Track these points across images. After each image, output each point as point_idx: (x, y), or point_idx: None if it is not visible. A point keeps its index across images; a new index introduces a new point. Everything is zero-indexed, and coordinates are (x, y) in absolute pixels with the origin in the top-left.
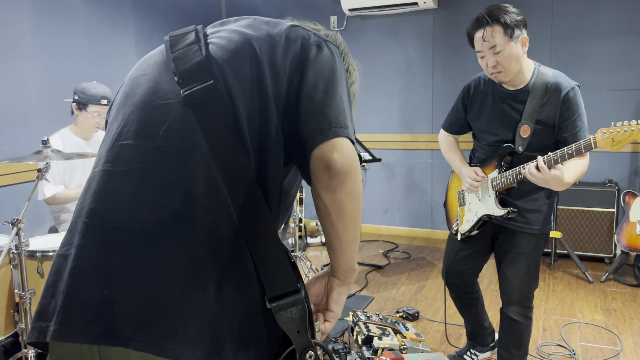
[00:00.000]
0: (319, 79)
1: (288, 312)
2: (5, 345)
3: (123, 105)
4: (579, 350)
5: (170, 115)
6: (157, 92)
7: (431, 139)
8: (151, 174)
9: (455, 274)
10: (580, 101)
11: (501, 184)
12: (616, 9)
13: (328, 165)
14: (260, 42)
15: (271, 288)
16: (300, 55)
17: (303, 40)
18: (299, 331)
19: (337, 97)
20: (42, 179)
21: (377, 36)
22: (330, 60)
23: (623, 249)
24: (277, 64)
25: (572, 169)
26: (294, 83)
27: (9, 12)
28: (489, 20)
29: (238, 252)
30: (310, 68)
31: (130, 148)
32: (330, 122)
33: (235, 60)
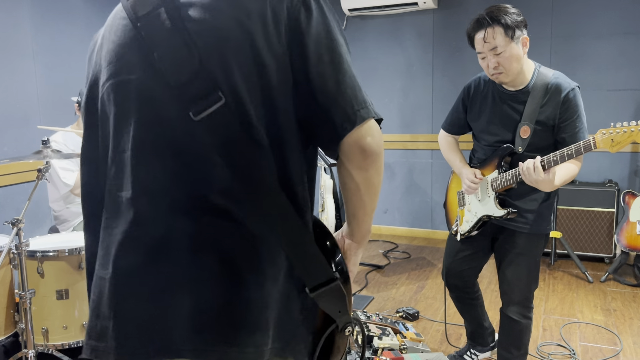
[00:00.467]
0: (322, 50)
1: (329, 297)
2: (5, 345)
3: (123, 120)
4: (579, 350)
5: (179, 131)
6: (155, 108)
7: (431, 139)
8: (177, 190)
9: (455, 274)
10: (580, 102)
11: (501, 184)
12: (616, 9)
13: (363, 150)
14: (250, 21)
15: (309, 280)
16: (290, 24)
17: (287, 2)
18: (340, 311)
19: (345, 65)
20: (42, 179)
21: (377, 36)
22: (323, 18)
23: (623, 249)
24: (273, 44)
25: (562, 171)
26: (296, 62)
27: (9, 12)
28: (489, 22)
29: (271, 251)
30: (308, 40)
31: (149, 169)
32: (352, 105)
33: (230, 51)
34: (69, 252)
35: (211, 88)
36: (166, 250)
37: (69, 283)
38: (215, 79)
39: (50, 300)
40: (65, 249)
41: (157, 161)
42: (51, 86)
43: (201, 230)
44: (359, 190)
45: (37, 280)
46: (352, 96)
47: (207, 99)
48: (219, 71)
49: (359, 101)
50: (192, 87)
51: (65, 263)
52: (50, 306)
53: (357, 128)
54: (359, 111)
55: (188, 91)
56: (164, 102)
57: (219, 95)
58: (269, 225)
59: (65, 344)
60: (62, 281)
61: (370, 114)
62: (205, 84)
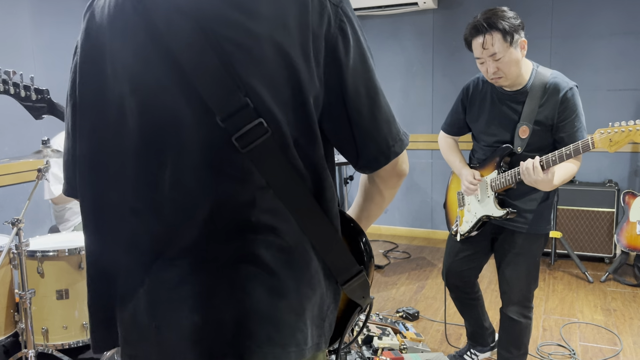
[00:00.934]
0: (359, 83)
1: (356, 287)
2: (5, 345)
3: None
4: (579, 350)
5: (225, 161)
6: (197, 137)
7: (431, 139)
8: (220, 214)
9: (456, 275)
10: (579, 101)
11: (500, 184)
12: (616, 9)
13: (398, 175)
14: (292, 52)
15: (340, 276)
16: (328, 53)
17: (325, 28)
18: (364, 296)
19: (380, 97)
20: (42, 179)
21: (377, 36)
22: (358, 45)
23: (623, 249)
24: (314, 76)
25: (561, 171)
26: (333, 95)
27: (9, 12)
28: (487, 28)
29: (306, 258)
30: (346, 73)
31: (187, 194)
32: (387, 141)
33: (271, 82)
34: (69, 252)
35: (257, 120)
36: (207, 263)
37: (69, 283)
38: (259, 111)
39: (50, 300)
40: (65, 249)
41: (198, 186)
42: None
43: (241, 246)
44: (384, 202)
45: (37, 280)
46: (387, 132)
47: (254, 131)
48: (262, 103)
49: (394, 136)
50: (238, 120)
51: (65, 263)
52: (50, 306)
53: (393, 161)
54: (394, 146)
55: (234, 123)
56: (207, 132)
57: (265, 128)
58: (306, 236)
59: (65, 344)
60: (62, 281)
61: (404, 147)
62: (250, 116)
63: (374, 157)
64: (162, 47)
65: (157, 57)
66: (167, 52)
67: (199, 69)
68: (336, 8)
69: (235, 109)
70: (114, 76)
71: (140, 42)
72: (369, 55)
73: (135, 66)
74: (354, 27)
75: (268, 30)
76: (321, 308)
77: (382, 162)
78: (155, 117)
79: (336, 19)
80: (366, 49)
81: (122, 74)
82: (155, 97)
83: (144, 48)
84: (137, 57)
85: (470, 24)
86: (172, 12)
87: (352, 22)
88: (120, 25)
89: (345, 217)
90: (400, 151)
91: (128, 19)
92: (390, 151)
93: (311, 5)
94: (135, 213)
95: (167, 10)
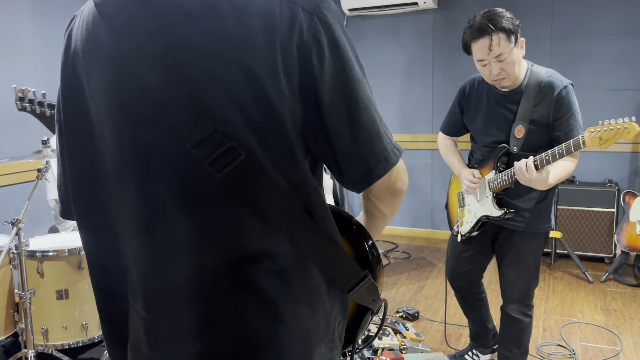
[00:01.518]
0: (336, 100)
1: (363, 292)
2: (5, 345)
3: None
4: (579, 350)
5: (201, 187)
6: (171, 164)
7: (431, 139)
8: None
9: (460, 275)
10: (574, 100)
11: (497, 184)
12: (616, 9)
13: (394, 194)
14: (259, 71)
15: (345, 285)
16: (301, 69)
17: (297, 40)
18: (374, 299)
19: (363, 114)
20: (42, 179)
21: (377, 36)
22: (337, 55)
23: (623, 249)
24: (286, 96)
25: (557, 169)
26: (310, 114)
27: (9, 11)
28: (492, 28)
29: (301, 277)
30: (321, 89)
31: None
32: (369, 162)
33: (240, 105)
34: (69, 252)
35: (228, 144)
36: (201, 295)
37: (68, 283)
38: (229, 135)
39: (50, 300)
40: (65, 249)
41: (178, 217)
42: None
43: (235, 275)
44: (385, 217)
45: (37, 280)
46: (368, 153)
47: (226, 156)
48: (232, 127)
49: (377, 156)
50: (208, 146)
51: (65, 263)
52: (50, 306)
53: (385, 177)
54: (376, 167)
55: (205, 149)
56: (182, 159)
57: (237, 152)
58: (304, 254)
59: (65, 344)
60: (62, 281)
61: (389, 166)
62: (220, 141)
63: (356, 179)
64: (132, 73)
65: (128, 84)
66: (137, 79)
67: (168, 97)
68: (311, 16)
69: (205, 136)
70: (92, 101)
71: (112, 69)
72: (352, 65)
73: (108, 93)
74: (334, 35)
75: (234, 50)
76: (327, 324)
77: (364, 184)
78: (131, 144)
79: (310, 28)
80: (350, 58)
81: (98, 100)
82: (129, 124)
83: (116, 75)
84: (109, 83)
85: (472, 26)
86: (142, 38)
87: (331, 30)
88: (92, 50)
89: (350, 220)
90: (383, 172)
91: (99, 44)
92: (372, 174)
93: (279, 17)
94: (124, 238)
95: (136, 35)
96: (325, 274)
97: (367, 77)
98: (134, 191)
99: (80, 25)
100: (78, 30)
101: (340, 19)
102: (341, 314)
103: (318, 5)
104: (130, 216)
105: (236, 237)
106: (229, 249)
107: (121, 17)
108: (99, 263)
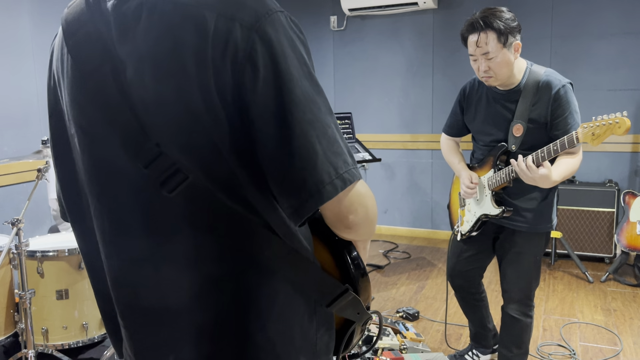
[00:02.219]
0: (268, 126)
1: (345, 306)
2: (5, 345)
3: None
4: (579, 350)
5: (154, 207)
6: (124, 185)
7: (431, 139)
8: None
9: (460, 275)
10: (572, 99)
11: (496, 183)
12: (616, 9)
13: (348, 227)
14: (193, 95)
15: (323, 299)
16: (235, 92)
17: (230, 61)
18: (359, 312)
19: (296, 139)
20: (42, 179)
21: (377, 36)
22: (274, 73)
23: (623, 249)
24: (221, 121)
25: (561, 166)
26: (245, 140)
27: (9, 12)
28: (482, 26)
29: (268, 294)
30: (253, 113)
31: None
32: (300, 194)
33: (178, 129)
34: (68, 252)
35: (174, 168)
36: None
37: (68, 283)
38: (173, 158)
39: (50, 300)
40: (65, 249)
41: (137, 233)
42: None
43: (199, 296)
44: (356, 243)
45: (37, 280)
46: (300, 184)
47: (175, 177)
48: (172, 150)
49: (308, 188)
50: (158, 167)
51: (65, 263)
52: (50, 306)
53: (334, 206)
54: (307, 201)
55: (156, 170)
56: (136, 177)
57: (184, 174)
58: (270, 270)
59: (65, 344)
60: (62, 281)
61: (322, 200)
62: (167, 162)
63: (288, 212)
64: (88, 95)
65: (86, 103)
66: (91, 100)
67: (116, 119)
68: (249, 32)
69: (152, 158)
70: (66, 116)
71: (75, 88)
72: (292, 87)
73: (73, 110)
74: (274, 53)
75: (167, 68)
76: (305, 336)
77: (296, 219)
78: (91, 160)
79: (246, 46)
80: (290, 79)
81: (69, 115)
82: (88, 141)
83: (77, 93)
84: (72, 101)
85: (468, 21)
86: (92, 60)
87: (271, 47)
88: (60, 68)
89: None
90: (314, 207)
91: (64, 63)
92: (303, 208)
93: (212, 35)
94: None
95: (87, 58)
96: (298, 288)
97: (367, 77)
98: (97, 205)
99: (57, 42)
100: (57, 46)
101: (290, 33)
102: (325, 326)
103: (259, 19)
104: (97, 228)
105: (195, 255)
106: (189, 267)
107: (75, 39)
108: (90, 265)
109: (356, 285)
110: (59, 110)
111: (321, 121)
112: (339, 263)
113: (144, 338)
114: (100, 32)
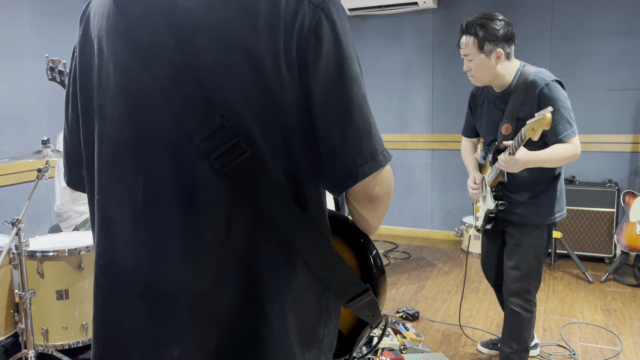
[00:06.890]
0: (328, 94)
1: (363, 306)
2: (5, 345)
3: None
4: (579, 351)
5: (203, 181)
6: (177, 157)
7: (431, 139)
8: (194, 237)
9: (490, 268)
10: (558, 95)
11: (491, 179)
12: (616, 9)
13: (370, 199)
14: (263, 63)
15: (343, 294)
16: (299, 61)
17: (297, 34)
18: (374, 315)
19: (354, 110)
20: (42, 179)
21: (377, 36)
22: (335, 48)
23: (623, 249)
24: (287, 89)
25: (547, 150)
26: (305, 107)
27: (9, 12)
28: (464, 30)
29: (288, 278)
30: (314, 82)
31: (163, 217)
32: (356, 160)
33: (245, 99)
34: (68, 252)
35: (234, 140)
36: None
37: (69, 283)
38: (236, 131)
39: (50, 300)
40: (65, 249)
41: (172, 207)
42: (51, 86)
43: (219, 271)
44: (368, 224)
45: (37, 280)
46: (356, 151)
47: (232, 151)
48: (238, 121)
49: (364, 155)
50: (216, 141)
51: (65, 263)
52: (50, 306)
53: (364, 180)
54: (363, 166)
55: (212, 144)
56: (184, 150)
57: (244, 147)
58: (295, 253)
59: (65, 344)
60: (62, 281)
61: (376, 167)
62: (228, 136)
63: (341, 176)
64: (143, 64)
65: (138, 73)
66: (147, 69)
67: (177, 91)
68: (315, 9)
69: (212, 131)
70: (99, 86)
71: (123, 57)
72: (351, 63)
73: (118, 80)
74: (336, 30)
75: (238, 37)
76: (314, 330)
77: (348, 182)
78: (134, 131)
79: (312, 20)
80: (349, 56)
81: (107, 85)
82: (135, 112)
83: (126, 63)
84: (120, 71)
85: (463, 22)
86: (152, 29)
87: (334, 25)
88: (106, 37)
89: (356, 231)
90: (370, 172)
91: (113, 32)
92: (358, 172)
93: (284, 8)
94: (124, 227)
95: (148, 26)
96: (319, 278)
97: (367, 78)
98: (131, 177)
99: (96, 14)
100: (95, 15)
101: (346, 17)
102: (334, 322)
103: (325, 0)
104: (123, 202)
105: (227, 230)
106: (219, 242)
107: (136, 10)
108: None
109: (376, 286)
110: (88, 82)
111: (367, 100)
112: (361, 262)
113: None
114: (162, 2)
